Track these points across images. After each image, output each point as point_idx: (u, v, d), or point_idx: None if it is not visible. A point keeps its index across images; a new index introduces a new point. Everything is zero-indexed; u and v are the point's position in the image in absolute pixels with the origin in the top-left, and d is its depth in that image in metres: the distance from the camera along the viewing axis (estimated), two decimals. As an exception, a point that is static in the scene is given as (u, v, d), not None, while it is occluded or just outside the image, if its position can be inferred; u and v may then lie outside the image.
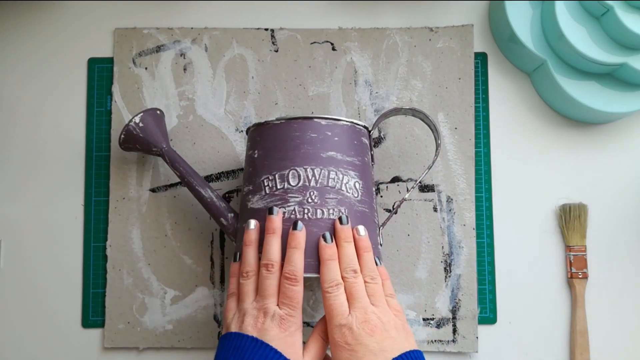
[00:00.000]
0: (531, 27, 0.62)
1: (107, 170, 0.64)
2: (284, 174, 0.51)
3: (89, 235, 0.64)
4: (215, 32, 0.66)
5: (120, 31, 0.66)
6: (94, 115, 0.65)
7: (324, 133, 0.52)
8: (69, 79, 0.66)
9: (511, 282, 0.63)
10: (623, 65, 0.58)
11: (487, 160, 0.65)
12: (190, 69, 0.65)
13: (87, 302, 0.63)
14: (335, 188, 0.51)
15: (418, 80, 0.65)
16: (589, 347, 0.62)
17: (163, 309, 0.62)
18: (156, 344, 0.62)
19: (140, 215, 0.63)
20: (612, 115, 0.62)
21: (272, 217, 0.50)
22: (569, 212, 0.63)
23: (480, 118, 0.65)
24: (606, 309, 0.63)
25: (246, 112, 0.65)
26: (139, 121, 0.58)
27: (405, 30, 0.66)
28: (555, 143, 0.65)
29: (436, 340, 0.62)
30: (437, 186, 0.64)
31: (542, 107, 0.66)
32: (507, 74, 0.66)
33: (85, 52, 0.66)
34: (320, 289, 0.62)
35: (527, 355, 0.63)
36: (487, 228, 0.64)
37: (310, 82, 0.65)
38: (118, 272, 0.63)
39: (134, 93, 0.65)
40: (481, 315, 0.63)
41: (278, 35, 0.66)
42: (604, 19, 0.58)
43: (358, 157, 0.53)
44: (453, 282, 0.62)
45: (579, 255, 0.63)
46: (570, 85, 0.61)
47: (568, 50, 0.59)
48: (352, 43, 0.66)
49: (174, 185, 0.64)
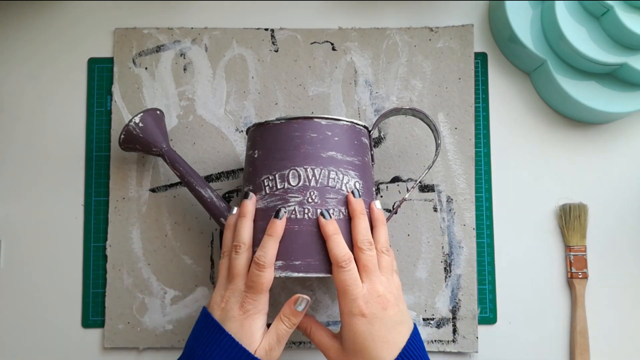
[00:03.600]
0: (531, 27, 0.62)
1: (107, 170, 0.64)
2: (284, 174, 0.52)
3: (89, 235, 0.64)
4: (215, 32, 0.66)
5: (120, 31, 0.66)
6: (94, 115, 0.65)
7: (324, 133, 0.52)
8: (69, 79, 0.66)
9: (511, 282, 0.63)
10: (623, 65, 0.58)
11: (487, 160, 0.65)
12: (190, 69, 0.65)
13: (87, 302, 0.63)
14: (335, 188, 0.51)
15: (418, 80, 0.65)
16: (589, 347, 0.62)
17: (163, 309, 0.62)
18: (156, 344, 0.62)
19: (140, 215, 0.63)
20: (612, 115, 0.62)
21: (245, 201, 0.52)
22: (569, 212, 0.63)
23: (480, 118, 0.65)
24: (606, 309, 0.63)
25: (246, 112, 0.65)
26: (139, 121, 0.58)
27: (405, 30, 0.66)
28: (556, 143, 0.65)
29: (436, 340, 0.62)
30: (437, 186, 0.64)
31: (542, 107, 0.66)
32: (507, 74, 0.66)
33: (85, 52, 0.66)
34: (320, 289, 0.63)
35: (527, 355, 0.63)
36: (487, 228, 0.64)
37: (310, 82, 0.65)
38: (118, 272, 0.63)
39: (134, 93, 0.65)
40: (481, 315, 0.63)
41: (278, 35, 0.66)
42: (604, 19, 0.58)
43: (358, 157, 0.53)
44: (453, 282, 0.62)
45: (579, 255, 0.63)
46: (570, 85, 0.61)
47: (568, 50, 0.59)
48: (352, 43, 0.66)
49: (174, 185, 0.64)
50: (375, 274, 0.50)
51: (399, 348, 0.48)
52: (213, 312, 0.50)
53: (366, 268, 0.50)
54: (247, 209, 0.52)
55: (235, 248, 0.51)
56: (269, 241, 0.50)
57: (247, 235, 0.51)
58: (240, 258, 0.50)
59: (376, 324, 0.48)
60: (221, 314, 0.49)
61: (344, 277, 0.49)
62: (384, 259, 0.51)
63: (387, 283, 0.50)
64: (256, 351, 0.48)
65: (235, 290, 0.49)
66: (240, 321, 0.48)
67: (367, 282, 0.49)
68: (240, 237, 0.51)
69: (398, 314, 0.49)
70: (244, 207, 0.52)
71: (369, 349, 0.48)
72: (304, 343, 0.62)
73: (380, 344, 0.48)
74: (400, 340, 0.48)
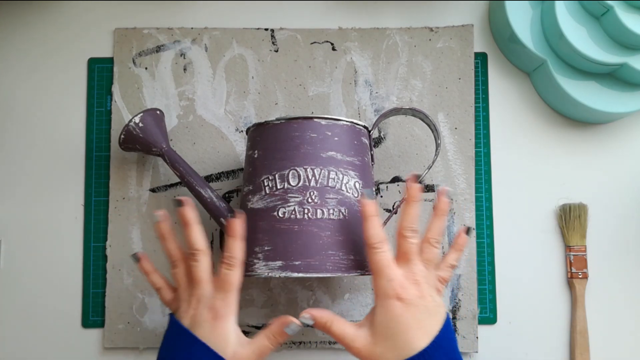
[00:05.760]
0: (531, 27, 0.62)
1: (107, 170, 0.64)
2: (284, 174, 0.51)
3: (89, 235, 0.64)
4: (215, 32, 0.66)
5: (120, 31, 0.66)
6: (94, 115, 0.65)
7: (324, 133, 0.52)
8: (69, 79, 0.66)
9: (511, 282, 0.63)
10: (623, 65, 0.58)
11: (487, 160, 0.65)
12: (190, 69, 0.65)
13: (87, 302, 0.63)
14: (335, 188, 0.51)
15: (418, 80, 0.65)
16: (589, 347, 0.62)
17: (163, 309, 0.62)
18: (156, 344, 0.62)
19: (140, 215, 0.63)
20: (612, 115, 0.62)
21: (181, 209, 0.51)
22: (569, 212, 0.63)
23: (480, 118, 0.65)
24: (606, 309, 0.63)
25: (246, 112, 0.65)
26: (139, 121, 0.58)
27: (405, 30, 0.66)
28: (555, 143, 0.65)
29: (436, 340, 0.62)
30: (437, 186, 0.64)
31: (542, 107, 0.66)
32: (507, 74, 0.66)
33: (85, 52, 0.66)
34: (320, 289, 0.63)
35: (527, 355, 0.63)
36: (487, 228, 0.64)
37: (310, 82, 0.65)
38: (118, 272, 0.63)
39: (134, 93, 0.65)
40: (481, 315, 0.63)
41: (278, 35, 0.66)
42: (604, 19, 0.58)
43: (358, 157, 0.53)
44: (453, 282, 0.62)
45: (579, 255, 0.63)
46: (570, 85, 0.61)
47: (568, 50, 0.59)
48: (352, 43, 0.66)
49: (174, 185, 0.64)
50: (414, 262, 0.49)
51: (431, 336, 0.46)
52: (182, 320, 0.49)
53: (406, 255, 0.49)
54: (188, 216, 0.51)
55: (192, 256, 0.50)
56: (232, 242, 0.49)
57: (200, 240, 0.50)
58: (200, 264, 0.49)
59: (411, 309, 0.47)
60: (191, 320, 0.48)
61: (378, 258, 0.48)
62: (429, 250, 0.50)
63: (426, 272, 0.49)
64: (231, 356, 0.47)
65: (201, 296, 0.49)
66: (211, 324, 0.47)
67: (405, 268, 0.49)
68: (194, 245, 0.50)
69: (433, 304, 0.48)
70: (184, 216, 0.51)
71: (402, 333, 0.46)
72: (304, 343, 0.62)
73: (414, 330, 0.46)
74: (434, 328, 0.47)
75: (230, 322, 0.48)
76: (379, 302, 0.48)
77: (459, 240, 0.53)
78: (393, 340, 0.47)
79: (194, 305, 0.49)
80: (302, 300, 0.62)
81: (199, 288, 0.49)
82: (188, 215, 0.51)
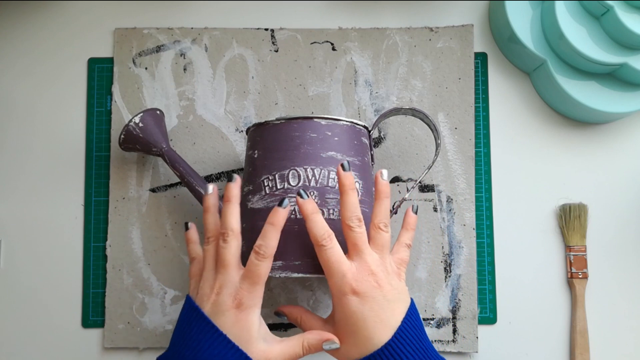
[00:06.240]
0: (531, 27, 0.62)
1: (107, 170, 0.64)
2: (284, 174, 0.52)
3: (89, 235, 0.64)
4: (215, 32, 0.66)
5: (120, 31, 0.66)
6: (94, 115, 0.65)
7: (324, 133, 0.52)
8: (69, 79, 0.66)
9: (511, 282, 0.63)
10: (623, 65, 0.58)
11: (487, 160, 0.65)
12: (190, 69, 0.65)
13: (87, 302, 0.63)
14: (335, 188, 0.51)
15: (418, 80, 0.65)
16: (589, 347, 0.62)
17: (163, 309, 0.62)
18: (156, 344, 0.62)
19: (140, 215, 0.63)
20: (612, 115, 0.62)
21: (230, 184, 0.49)
22: (569, 212, 0.63)
23: (480, 118, 0.65)
24: (606, 309, 0.63)
25: (246, 112, 0.65)
26: (139, 121, 0.58)
27: (405, 30, 0.66)
28: (555, 143, 0.65)
29: (436, 340, 0.62)
30: (437, 186, 0.64)
31: (542, 107, 0.66)
32: (507, 74, 0.66)
33: (85, 52, 0.66)
34: (320, 289, 0.63)
35: (527, 355, 0.63)
36: (487, 228, 0.64)
37: (310, 82, 0.65)
38: (118, 272, 0.63)
39: (134, 93, 0.65)
40: (481, 315, 0.63)
41: (278, 35, 0.66)
42: (604, 19, 0.58)
43: (358, 157, 0.53)
44: (453, 282, 0.62)
45: (579, 255, 0.63)
46: (570, 85, 0.61)
47: (568, 50, 0.59)
48: (352, 43, 0.66)
49: (174, 185, 0.64)
50: (365, 251, 0.47)
51: (393, 328, 0.45)
52: (202, 306, 0.46)
53: (355, 247, 0.47)
54: (232, 193, 0.48)
55: (223, 236, 0.47)
56: (271, 230, 0.46)
57: (235, 221, 0.47)
58: (229, 247, 0.46)
59: (368, 303, 0.45)
60: (212, 307, 0.45)
61: (328, 255, 0.46)
62: (379, 236, 0.48)
63: (380, 260, 0.47)
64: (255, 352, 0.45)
65: (227, 281, 0.46)
66: (235, 315, 0.45)
67: (357, 260, 0.47)
68: (227, 224, 0.47)
69: (392, 292, 0.46)
70: (229, 191, 0.48)
71: (361, 329, 0.45)
72: (304, 343, 0.62)
73: (373, 324, 0.45)
74: (395, 320, 0.46)
75: (255, 315, 0.46)
76: (336, 300, 0.47)
77: (409, 220, 0.53)
78: (354, 337, 0.46)
79: (216, 290, 0.46)
80: (302, 300, 0.62)
81: (224, 273, 0.46)
82: (233, 191, 0.48)
